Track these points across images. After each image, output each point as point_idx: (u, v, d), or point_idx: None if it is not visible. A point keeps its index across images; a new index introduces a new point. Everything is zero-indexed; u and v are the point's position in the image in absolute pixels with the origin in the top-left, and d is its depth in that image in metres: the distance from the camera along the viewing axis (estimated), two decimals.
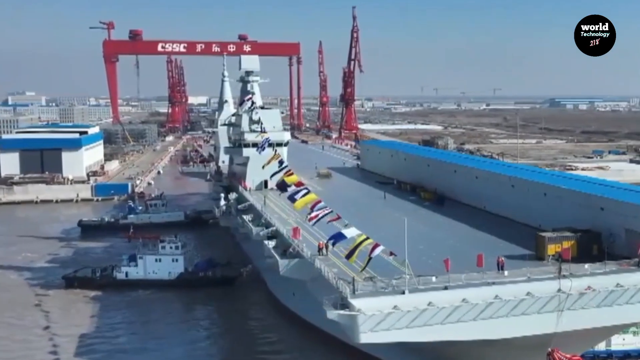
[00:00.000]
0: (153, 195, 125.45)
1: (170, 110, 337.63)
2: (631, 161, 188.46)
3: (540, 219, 57.73)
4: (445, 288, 41.89)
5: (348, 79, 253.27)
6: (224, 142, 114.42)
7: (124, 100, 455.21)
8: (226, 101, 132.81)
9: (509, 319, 42.12)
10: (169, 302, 76.05)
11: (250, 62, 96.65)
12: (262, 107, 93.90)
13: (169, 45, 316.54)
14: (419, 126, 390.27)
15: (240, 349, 63.08)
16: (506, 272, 44.39)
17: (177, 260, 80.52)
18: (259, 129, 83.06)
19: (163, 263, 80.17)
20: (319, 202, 52.02)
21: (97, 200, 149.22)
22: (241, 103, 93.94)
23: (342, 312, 39.95)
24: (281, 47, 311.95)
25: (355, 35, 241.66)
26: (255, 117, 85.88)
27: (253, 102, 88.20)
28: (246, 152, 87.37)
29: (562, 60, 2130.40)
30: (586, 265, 44.94)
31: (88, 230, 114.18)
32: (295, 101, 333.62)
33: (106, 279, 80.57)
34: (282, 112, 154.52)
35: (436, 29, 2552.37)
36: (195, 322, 70.33)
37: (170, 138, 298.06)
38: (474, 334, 42.12)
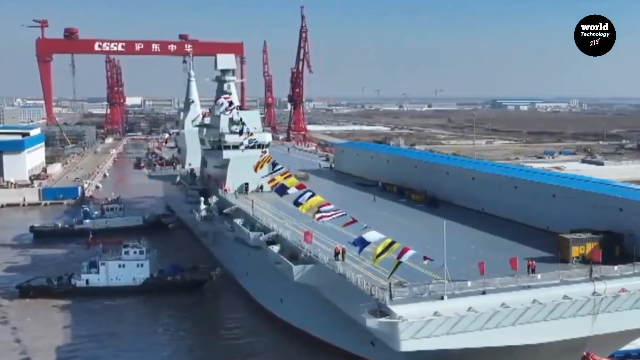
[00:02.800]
0: (110, 199, 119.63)
1: (109, 112, 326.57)
2: (583, 161, 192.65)
3: (549, 221, 56.78)
4: (484, 293, 40.43)
5: (296, 80, 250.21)
6: (191, 144, 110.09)
7: (54, 101, 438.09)
8: (192, 101, 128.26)
9: (547, 322, 41.10)
10: (137, 310, 72.18)
11: (227, 61, 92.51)
12: (240, 108, 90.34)
13: (107, 45, 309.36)
14: (365, 127, 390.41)
15: (226, 354, 60.00)
16: (539, 276, 43.07)
17: (142, 265, 76.84)
18: (239, 130, 79.80)
19: (127, 269, 76.42)
20: (327, 204, 49.67)
21: (46, 204, 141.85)
22: (215, 102, 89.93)
23: (383, 319, 37.83)
24: (223, 47, 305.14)
25: (304, 35, 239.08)
26: (236, 118, 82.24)
27: (231, 103, 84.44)
28: (226, 154, 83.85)
29: (502, 62, 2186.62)
30: (616, 267, 44.12)
31: (41, 236, 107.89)
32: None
33: (65, 287, 75.71)
34: None
35: (376, 29, 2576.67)
36: (168, 330, 66.45)
37: (109, 140, 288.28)
38: (513, 339, 40.86)
